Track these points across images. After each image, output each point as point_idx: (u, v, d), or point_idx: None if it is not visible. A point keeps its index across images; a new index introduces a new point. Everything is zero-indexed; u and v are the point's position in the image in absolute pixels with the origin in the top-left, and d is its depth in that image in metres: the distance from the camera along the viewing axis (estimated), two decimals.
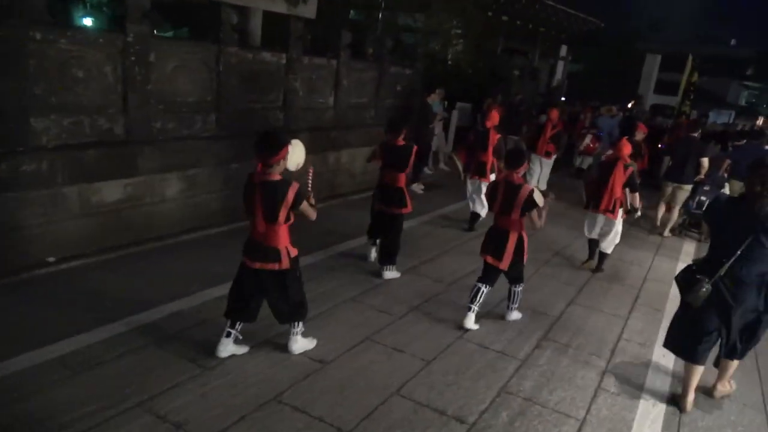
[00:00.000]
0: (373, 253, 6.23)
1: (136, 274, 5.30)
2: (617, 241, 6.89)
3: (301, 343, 4.24)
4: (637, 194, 6.47)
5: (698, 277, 3.79)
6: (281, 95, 7.77)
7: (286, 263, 3.84)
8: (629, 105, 21.33)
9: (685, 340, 4.09)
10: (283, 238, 3.83)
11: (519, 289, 5.13)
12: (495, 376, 4.26)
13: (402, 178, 5.81)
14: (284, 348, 4.21)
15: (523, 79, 18.37)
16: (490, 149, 7.70)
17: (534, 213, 4.74)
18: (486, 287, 4.93)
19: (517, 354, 4.65)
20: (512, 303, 5.18)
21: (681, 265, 8.17)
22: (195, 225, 6.62)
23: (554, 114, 10.46)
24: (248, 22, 8.46)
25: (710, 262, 3.87)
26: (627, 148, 6.47)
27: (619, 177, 6.39)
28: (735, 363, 4.21)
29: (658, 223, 9.23)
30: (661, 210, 9.18)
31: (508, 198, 4.75)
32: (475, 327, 4.95)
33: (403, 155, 5.72)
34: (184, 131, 6.48)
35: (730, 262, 3.70)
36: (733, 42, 57.32)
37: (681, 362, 4.80)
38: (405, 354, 4.43)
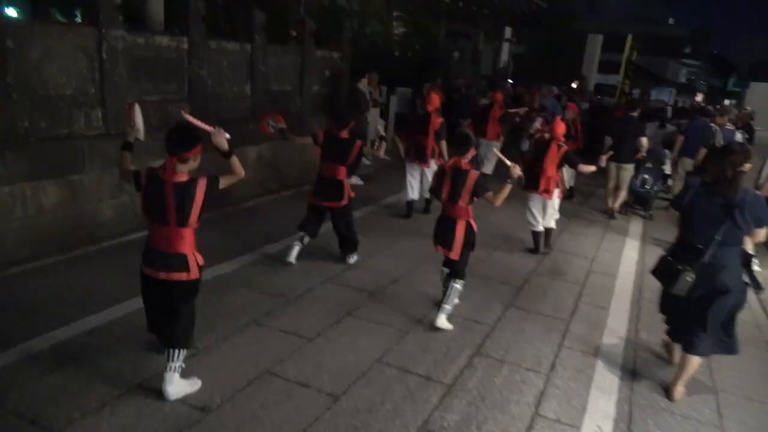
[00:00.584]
0: (295, 252, 5.65)
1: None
2: (557, 216, 6.89)
3: (178, 386, 3.44)
4: (579, 166, 6.35)
5: (679, 267, 3.79)
6: (185, 85, 6.86)
7: (195, 272, 3.38)
8: (572, 85, 21.13)
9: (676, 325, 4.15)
10: (189, 243, 3.36)
11: (458, 285, 4.67)
12: (415, 410, 3.57)
13: (342, 171, 5.60)
14: (158, 393, 3.41)
15: (463, 62, 17.76)
16: (431, 134, 7.41)
17: (489, 195, 4.46)
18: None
19: (443, 377, 3.98)
20: (446, 301, 4.64)
21: (629, 245, 7.88)
22: (81, 239, 5.70)
23: (499, 96, 10.10)
24: (146, 4, 7.48)
25: (686, 249, 3.85)
26: (560, 128, 6.39)
27: (552, 157, 6.31)
28: (695, 360, 3.93)
29: (609, 203, 9.01)
30: (609, 190, 8.96)
31: (455, 185, 4.50)
32: (449, 327, 4.67)
33: (345, 149, 5.54)
34: (61, 130, 5.53)
35: (712, 247, 3.70)
36: (671, 21, 58.42)
37: (627, 376, 4.23)
38: (310, 389, 3.69)
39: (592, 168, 6.41)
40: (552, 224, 6.85)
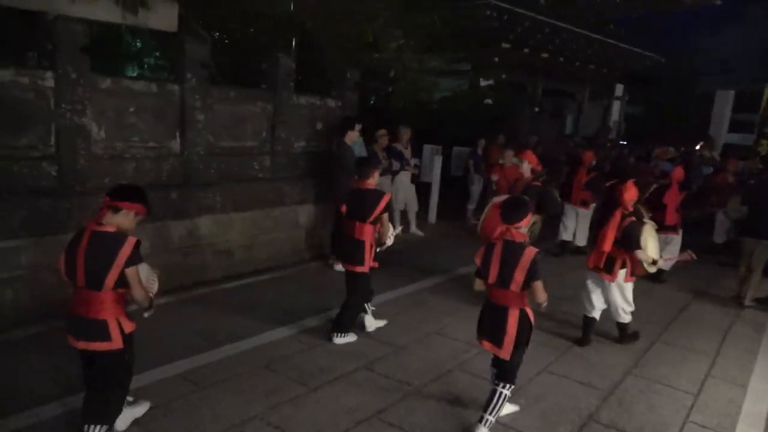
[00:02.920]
0: (369, 319, 4.97)
1: None
2: (629, 308, 5.06)
3: None
4: (638, 252, 4.69)
5: None
6: (51, 137, 4.71)
7: (118, 341, 2.94)
8: (697, 147, 17.36)
9: None
10: (111, 307, 2.93)
11: (507, 391, 3.53)
12: None
13: (365, 231, 4.62)
14: None
15: (539, 118, 14.63)
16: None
17: (539, 285, 3.38)
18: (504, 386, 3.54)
19: None
20: (489, 411, 3.51)
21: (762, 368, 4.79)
22: None
23: (588, 156, 8.46)
24: None
25: None
26: (630, 193, 4.89)
27: (612, 226, 4.81)
28: None
29: (741, 289, 6.70)
30: (742, 272, 6.72)
31: (507, 261, 3.39)
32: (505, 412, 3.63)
33: (368, 201, 4.61)
34: None
35: None
36: None
37: None
38: None
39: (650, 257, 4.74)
40: (623, 318, 5.07)
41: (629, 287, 4.96)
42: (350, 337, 4.73)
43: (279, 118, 6.50)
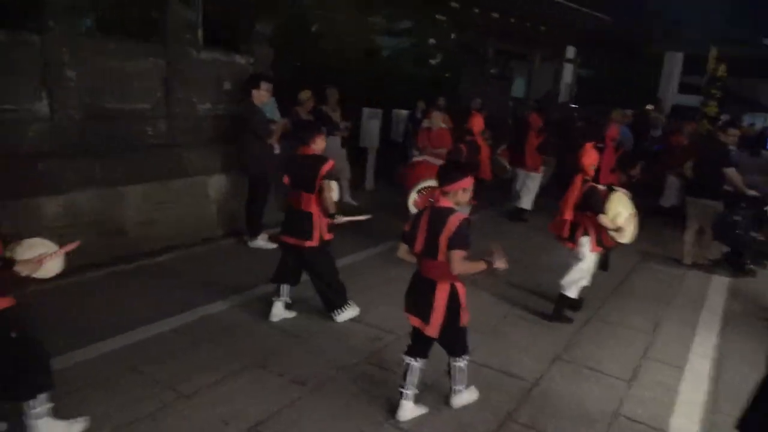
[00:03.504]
0: (278, 308, 4.35)
1: None
2: (583, 282, 4.67)
3: None
4: (601, 217, 4.32)
5: None
6: None
7: None
8: (647, 107, 17.17)
9: None
10: None
11: (462, 363, 3.26)
12: None
13: (311, 201, 4.18)
14: None
15: (486, 80, 14.07)
16: None
17: (458, 254, 2.93)
18: (417, 361, 3.21)
19: None
20: (455, 383, 3.30)
21: (701, 340, 4.47)
22: None
23: (535, 118, 8.19)
24: None
25: None
26: (589, 157, 4.49)
27: (572, 194, 4.48)
28: None
29: (685, 256, 6.55)
30: (689, 236, 6.54)
31: (432, 231, 2.99)
32: (411, 416, 3.20)
33: (310, 169, 4.15)
34: None
35: None
36: (766, 41, 51.06)
37: None
38: None
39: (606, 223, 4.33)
40: (569, 290, 4.61)
41: (591, 258, 4.56)
42: (351, 311, 4.40)
43: (175, 76, 5.65)
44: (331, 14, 6.98)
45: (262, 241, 6.04)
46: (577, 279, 4.59)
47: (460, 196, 3.04)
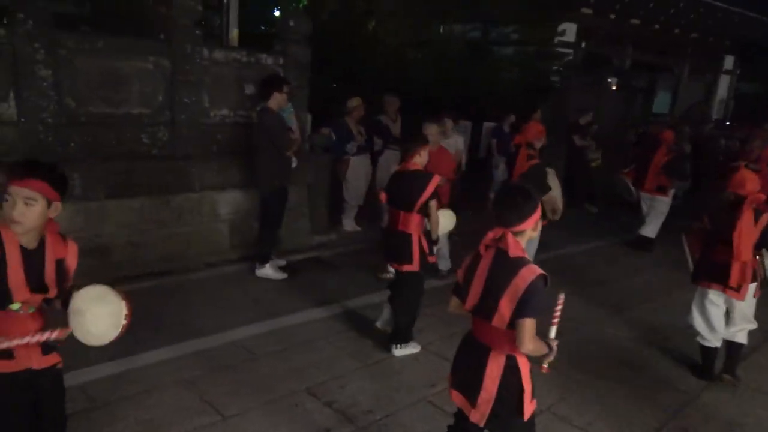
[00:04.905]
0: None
1: None
2: (752, 326, 3.82)
3: None
4: None
5: None
6: None
7: None
8: None
9: None
10: None
11: None
12: None
13: (412, 221, 3.81)
14: None
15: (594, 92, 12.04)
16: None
17: (528, 324, 2.12)
18: None
19: None
20: None
21: None
22: None
23: (668, 135, 7.06)
24: None
25: None
26: (751, 183, 3.58)
27: (746, 229, 3.51)
28: None
29: None
30: None
31: (493, 283, 2.20)
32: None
33: (412, 186, 3.78)
34: None
35: None
36: None
37: None
38: None
39: None
40: (741, 339, 3.85)
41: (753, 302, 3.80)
42: (411, 348, 3.97)
43: (182, 78, 4.91)
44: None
45: (271, 270, 5.08)
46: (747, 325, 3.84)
47: (531, 232, 2.29)
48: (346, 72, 7.29)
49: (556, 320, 2.27)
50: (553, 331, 2.26)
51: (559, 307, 2.25)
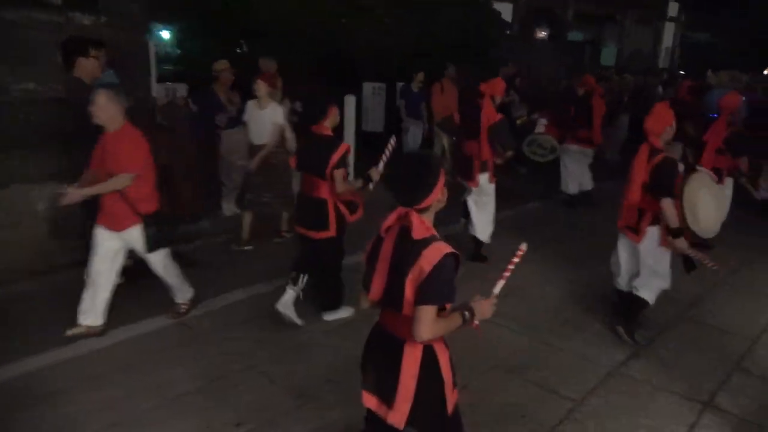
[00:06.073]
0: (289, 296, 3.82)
1: None
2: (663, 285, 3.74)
3: None
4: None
5: None
6: None
7: None
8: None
9: None
10: None
11: None
12: None
13: (323, 187, 3.68)
14: None
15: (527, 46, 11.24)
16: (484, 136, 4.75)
17: (429, 311, 1.94)
18: None
19: None
20: None
21: None
22: None
23: (589, 80, 6.95)
24: None
25: None
26: (657, 119, 3.63)
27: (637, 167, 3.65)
28: None
29: None
30: None
31: (398, 268, 2.01)
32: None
33: (322, 151, 3.66)
34: None
35: None
36: None
37: None
38: None
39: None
40: (645, 294, 3.70)
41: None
42: (343, 312, 3.97)
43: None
44: None
45: None
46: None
47: (438, 204, 2.02)
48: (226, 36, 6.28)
49: (507, 274, 2.08)
50: (498, 286, 2.09)
51: (516, 260, 2.05)
